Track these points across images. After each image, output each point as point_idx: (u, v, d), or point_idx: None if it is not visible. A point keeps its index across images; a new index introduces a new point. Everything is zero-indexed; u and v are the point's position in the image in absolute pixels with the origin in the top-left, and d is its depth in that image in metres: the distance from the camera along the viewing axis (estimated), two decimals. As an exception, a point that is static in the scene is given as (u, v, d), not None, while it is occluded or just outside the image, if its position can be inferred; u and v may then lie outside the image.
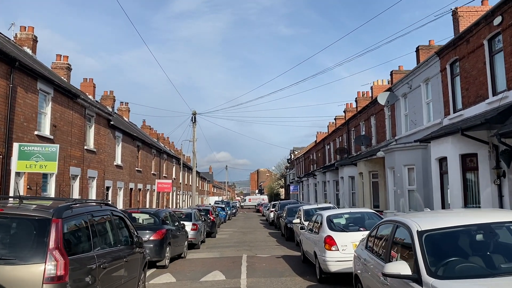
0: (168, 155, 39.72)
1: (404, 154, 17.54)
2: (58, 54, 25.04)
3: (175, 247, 13.67)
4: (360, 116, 27.26)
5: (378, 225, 6.44)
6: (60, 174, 16.88)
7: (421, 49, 21.41)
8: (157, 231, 12.33)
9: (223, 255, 15.87)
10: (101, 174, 21.63)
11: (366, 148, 25.82)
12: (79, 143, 18.76)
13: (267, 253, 16.04)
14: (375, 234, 6.34)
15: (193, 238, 17.65)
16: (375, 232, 6.43)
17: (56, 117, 16.56)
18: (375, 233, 6.39)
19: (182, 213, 19.12)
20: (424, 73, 17.36)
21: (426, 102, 17.54)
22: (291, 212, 22.22)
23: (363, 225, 10.47)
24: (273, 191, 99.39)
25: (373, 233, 6.52)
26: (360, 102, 33.99)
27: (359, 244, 7.43)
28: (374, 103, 23.99)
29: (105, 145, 22.28)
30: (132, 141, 27.24)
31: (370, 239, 6.55)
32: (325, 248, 9.59)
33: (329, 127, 47.32)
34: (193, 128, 32.43)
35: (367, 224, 10.46)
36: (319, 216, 11.13)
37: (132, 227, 8.20)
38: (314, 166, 45.68)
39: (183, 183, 48.07)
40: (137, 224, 12.89)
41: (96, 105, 20.55)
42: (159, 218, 12.87)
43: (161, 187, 28.54)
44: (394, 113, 21.06)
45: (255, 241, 21.03)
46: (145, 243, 11.75)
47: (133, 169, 27.35)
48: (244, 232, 27.60)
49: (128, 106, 39.83)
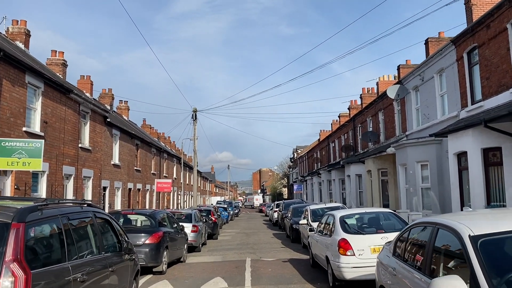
0: (169, 154, 38.74)
1: (417, 149, 16.50)
2: (54, 50, 24.07)
3: (173, 251, 12.66)
4: (367, 111, 26.21)
5: (409, 228, 5.41)
6: (52, 173, 15.91)
7: (431, 41, 20.36)
8: (153, 234, 11.32)
9: (225, 259, 14.86)
10: (97, 174, 20.65)
11: (374, 145, 24.77)
12: (73, 140, 17.77)
13: (272, 257, 15.02)
14: (406, 239, 5.31)
15: (193, 240, 16.64)
16: (405, 236, 5.40)
17: (47, 113, 15.58)
18: (406, 237, 5.37)
19: (182, 214, 18.12)
20: (437, 63, 16.32)
21: (440, 94, 16.50)
22: (296, 212, 21.20)
23: (380, 226, 9.45)
24: (276, 190, 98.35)
25: (403, 237, 5.49)
26: (365, 99, 32.98)
27: (383, 249, 6.40)
28: (382, 98, 22.95)
29: (102, 143, 21.30)
30: (131, 139, 26.25)
31: (399, 245, 5.53)
32: (339, 252, 8.57)
33: (333, 124, 46.31)
34: (194, 126, 31.44)
35: (385, 225, 9.43)
36: (331, 216, 10.10)
37: (121, 231, 7.20)
38: (318, 165, 44.64)
39: (184, 183, 47.09)
40: (132, 226, 11.90)
41: (91, 101, 19.57)
42: (155, 220, 11.86)
43: (160, 187, 27.55)
44: (404, 108, 20.00)
45: (259, 243, 20.01)
46: (140, 247, 10.79)
47: (131, 169, 26.37)
48: (247, 233, 26.58)
49: (127, 105, 38.81)
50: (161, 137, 50.49)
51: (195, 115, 31.32)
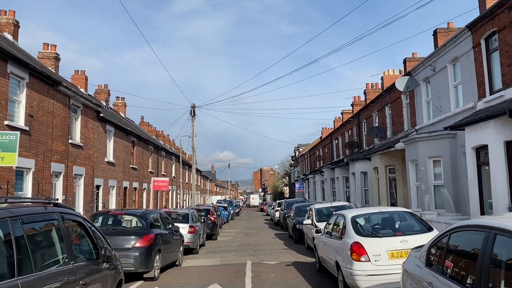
0: (167, 152, 37.69)
1: (429, 144, 15.43)
2: (45, 43, 23.02)
3: (167, 255, 11.61)
4: (373, 106, 25.13)
5: (448, 232, 4.34)
6: (39, 170, 14.86)
7: (439, 32, 19.32)
8: (144, 236, 10.27)
9: (224, 262, 13.81)
10: (90, 172, 19.59)
11: (380, 141, 23.69)
12: (62, 136, 16.72)
13: (274, 259, 13.97)
14: (446, 246, 4.24)
15: (190, 242, 15.59)
16: (444, 242, 4.34)
17: (32, 106, 14.53)
18: (444, 245, 4.30)
19: (179, 214, 17.09)
20: (451, 52, 15.23)
21: (453, 85, 15.41)
22: (299, 212, 20.15)
23: (397, 228, 8.38)
24: (277, 189, 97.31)
25: (440, 244, 4.43)
26: (369, 94, 31.94)
27: (410, 257, 5.34)
28: (389, 91, 21.87)
29: (94, 139, 20.25)
30: (126, 136, 25.19)
31: (435, 253, 4.47)
32: (352, 258, 7.50)
33: (336, 122, 45.22)
34: (192, 122, 30.35)
35: (402, 226, 8.36)
36: (341, 217, 9.04)
37: (98, 236, 6.16)
38: (321, 163, 43.56)
39: (183, 181, 46.04)
40: (121, 228, 10.85)
41: (82, 95, 18.50)
42: (146, 221, 10.80)
43: (157, 186, 26.49)
44: (413, 101, 18.92)
45: (260, 244, 18.96)
46: (130, 251, 9.75)
47: (127, 167, 25.32)
48: (248, 233, 25.53)
49: (124, 101, 37.74)
50: (160, 135, 49.43)
51: (194, 111, 30.23)
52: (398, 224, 8.58)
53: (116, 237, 10.18)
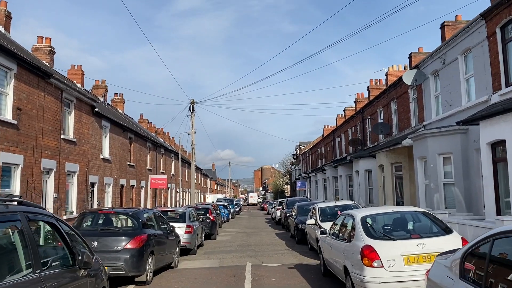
0: (166, 149, 36.92)
1: (439, 140, 14.64)
2: (40, 36, 22.27)
3: (161, 256, 10.85)
4: (377, 102, 24.34)
5: (489, 239, 3.56)
6: (28, 166, 14.11)
7: (447, 25, 18.55)
8: (135, 237, 9.51)
9: (222, 264, 13.05)
10: (84, 168, 18.84)
11: (386, 138, 22.91)
12: (54, 131, 15.96)
13: (276, 261, 13.21)
14: (488, 256, 3.46)
15: (187, 242, 14.85)
16: (483, 250, 3.56)
17: (21, 99, 13.76)
18: (485, 253, 3.52)
19: (176, 213, 16.33)
20: (463, 42, 14.43)
21: (465, 77, 14.62)
22: (302, 211, 19.38)
23: (412, 229, 7.61)
24: (278, 188, 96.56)
25: (477, 252, 3.66)
26: (373, 91, 31.18)
27: (436, 265, 4.57)
28: (395, 86, 21.08)
29: (89, 135, 19.49)
30: (123, 132, 24.43)
31: (472, 262, 3.70)
32: (363, 263, 6.74)
33: (338, 119, 44.46)
34: (192, 119, 29.55)
35: (418, 228, 7.59)
36: (349, 217, 8.27)
37: (76, 238, 5.40)
38: (323, 161, 42.77)
39: (183, 180, 45.30)
40: (110, 228, 10.08)
41: (75, 88, 17.73)
42: (138, 221, 10.03)
43: (155, 183, 25.71)
44: (421, 95, 18.12)
45: (260, 245, 18.20)
46: (119, 253, 8.99)
47: (124, 164, 24.56)
48: (248, 233, 24.78)
49: (122, 98, 37.00)
50: (160, 133, 48.70)
51: (193, 107, 29.44)
52: (412, 225, 7.82)
53: (105, 238, 9.44)
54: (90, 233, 9.68)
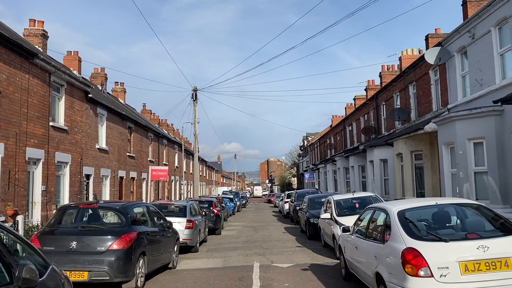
0: (169, 140, 35.47)
1: (469, 123, 12.99)
2: (32, 19, 20.79)
3: (155, 257, 9.38)
4: (394, 87, 22.63)
5: None
6: (10, 156, 12.68)
7: (470, 2, 16.79)
8: (122, 236, 8.02)
9: (227, 264, 11.58)
10: (77, 159, 17.41)
11: (403, 125, 21.25)
12: (41, 117, 14.52)
13: (287, 260, 11.71)
14: None
15: (188, 239, 13.39)
16: None
17: (1, 80, 12.30)
18: None
19: (176, 206, 14.88)
20: (497, 12, 12.72)
21: (499, 52, 12.92)
22: (313, 204, 17.88)
23: (462, 227, 6.05)
24: (285, 180, 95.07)
25: None
26: (385, 77, 29.44)
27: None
28: (414, 68, 19.38)
29: (82, 123, 18.03)
30: (121, 121, 22.96)
31: None
32: (406, 271, 5.20)
33: (347, 108, 42.74)
34: (194, 107, 28.00)
35: (470, 225, 6.04)
36: (379, 211, 6.72)
37: (17, 248, 3.91)
38: (332, 151, 41.14)
39: (187, 172, 43.91)
40: (92, 226, 8.59)
41: (65, 71, 16.23)
42: (127, 216, 8.53)
43: (155, 175, 24.25)
44: (445, 76, 16.44)
45: (269, 240, 16.72)
46: (102, 256, 7.53)
47: (123, 155, 23.13)
48: (255, 227, 23.31)
49: (123, 87, 35.48)
50: (163, 124, 47.24)
51: (196, 95, 27.87)
52: (460, 222, 6.25)
53: (86, 237, 7.98)
54: (68, 231, 8.23)
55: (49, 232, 8.25)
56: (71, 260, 7.66)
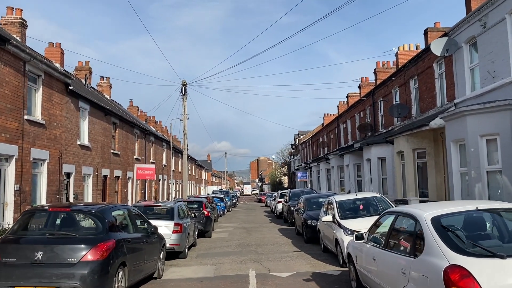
0: (157, 137, 34.13)
1: (482, 118, 11.98)
2: (9, 6, 19.37)
3: (137, 267, 8.18)
4: (393, 82, 21.64)
5: None
6: (-23, 152, 11.36)
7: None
8: (98, 244, 6.82)
9: (219, 273, 10.42)
10: (56, 156, 16.09)
11: (402, 122, 20.28)
12: (13, 110, 13.20)
13: (285, 268, 10.59)
14: None
15: (175, 244, 12.20)
16: None
17: (-35, 67, 10.97)
18: None
19: (163, 208, 13.67)
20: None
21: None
22: (310, 205, 16.83)
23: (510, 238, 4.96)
24: (276, 179, 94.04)
25: None
26: (380, 74, 28.53)
27: None
28: (416, 61, 18.40)
29: (62, 117, 16.71)
30: (105, 116, 21.63)
31: None
32: (451, 296, 4.09)
33: (340, 107, 41.81)
34: (183, 102, 26.73)
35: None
36: (404, 217, 5.62)
37: None
38: (325, 150, 40.15)
39: (176, 171, 42.58)
40: (63, 233, 7.35)
41: (42, 60, 14.90)
42: (104, 222, 7.32)
43: (141, 174, 22.96)
44: (451, 69, 15.46)
45: (263, 244, 15.60)
46: (75, 268, 6.35)
47: (107, 152, 21.81)
48: (248, 228, 22.17)
49: (109, 82, 34.02)
50: (151, 121, 45.83)
51: (185, 89, 26.60)
52: (501, 230, 5.17)
53: (55, 246, 6.76)
54: (33, 240, 6.98)
55: (11, 241, 7.01)
56: (36, 274, 6.46)
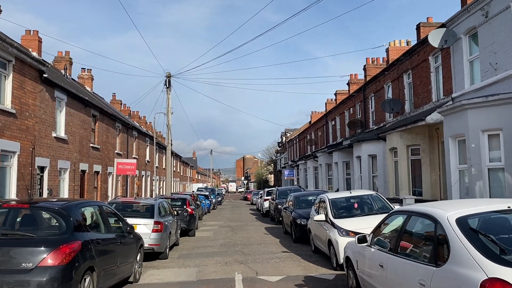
0: (140, 132, 32.94)
1: (484, 113, 11.30)
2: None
3: (109, 272, 7.22)
4: (385, 76, 20.95)
5: None
6: None
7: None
8: (60, 246, 5.85)
9: (202, 276, 9.51)
10: (28, 148, 14.95)
11: (395, 117, 19.59)
12: (-21, 97, 12.06)
13: (275, 271, 9.73)
14: None
15: (155, 244, 11.24)
16: None
17: None
18: None
19: (142, 205, 12.69)
20: (519, -15, 11.06)
21: (519, 32, 11.28)
22: (299, 203, 16.02)
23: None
24: (262, 177, 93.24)
25: None
26: (369, 71, 27.97)
27: None
28: (411, 55, 17.71)
29: (36, 107, 15.56)
30: (84, 108, 20.47)
31: None
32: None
33: (328, 104, 41.24)
34: (167, 95, 25.62)
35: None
36: (420, 217, 4.79)
37: None
38: (313, 147, 39.46)
39: (160, 167, 41.42)
40: (20, 233, 6.36)
41: (12, 44, 13.73)
42: (68, 220, 6.35)
43: (121, 169, 21.85)
44: (448, 62, 14.78)
45: (250, 244, 14.73)
46: (31, 275, 5.40)
47: (86, 145, 20.66)
48: (233, 227, 21.26)
49: (91, 74, 32.74)
50: (135, 116, 44.55)
51: (169, 81, 25.52)
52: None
53: (8, 249, 5.78)
54: None
55: (-43, 242, 5.99)
56: (-16, 282, 5.46)
